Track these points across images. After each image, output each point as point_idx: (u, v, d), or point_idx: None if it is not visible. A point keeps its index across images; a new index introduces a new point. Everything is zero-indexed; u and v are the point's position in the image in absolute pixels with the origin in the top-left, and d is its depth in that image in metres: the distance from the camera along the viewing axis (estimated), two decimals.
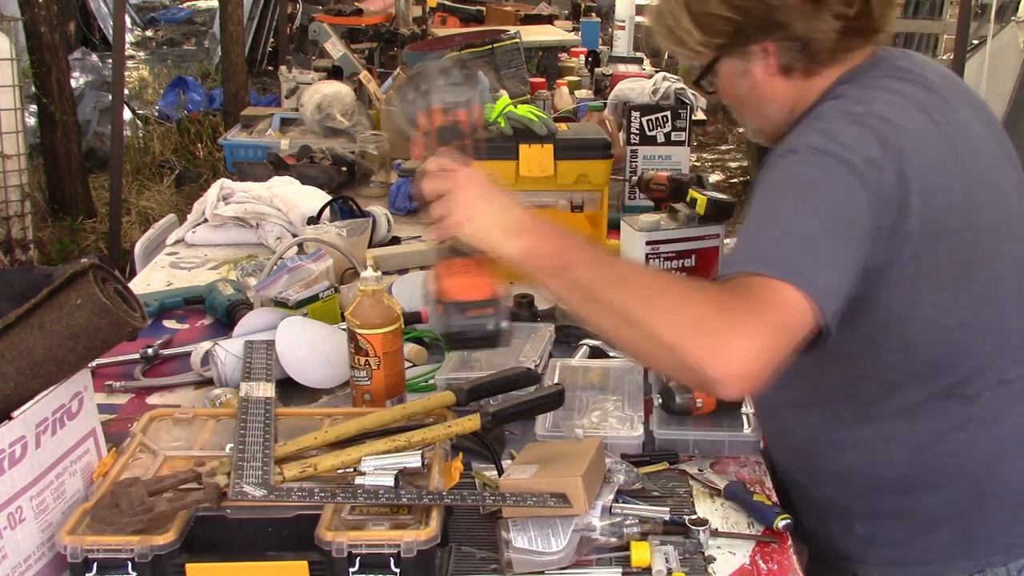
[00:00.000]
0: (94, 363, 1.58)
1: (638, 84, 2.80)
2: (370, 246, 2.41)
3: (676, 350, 1.13)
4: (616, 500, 1.41)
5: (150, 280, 2.36)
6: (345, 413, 1.53)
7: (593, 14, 5.39)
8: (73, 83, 6.28)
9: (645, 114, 2.65)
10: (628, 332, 1.20)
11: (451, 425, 1.41)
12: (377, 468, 1.31)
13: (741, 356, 1.11)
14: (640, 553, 1.32)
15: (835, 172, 1.22)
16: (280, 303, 1.93)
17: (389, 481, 1.28)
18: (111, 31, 5.47)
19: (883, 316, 1.31)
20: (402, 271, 2.33)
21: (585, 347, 1.92)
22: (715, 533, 1.40)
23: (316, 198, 2.57)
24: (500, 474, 1.44)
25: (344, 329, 1.68)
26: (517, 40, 3.80)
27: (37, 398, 1.23)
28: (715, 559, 1.35)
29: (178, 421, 1.50)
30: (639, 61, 4.37)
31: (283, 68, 4.01)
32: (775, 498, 1.47)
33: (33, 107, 5.95)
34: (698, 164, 7.38)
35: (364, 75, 3.69)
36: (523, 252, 1.23)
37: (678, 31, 1.38)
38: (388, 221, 2.52)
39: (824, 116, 1.31)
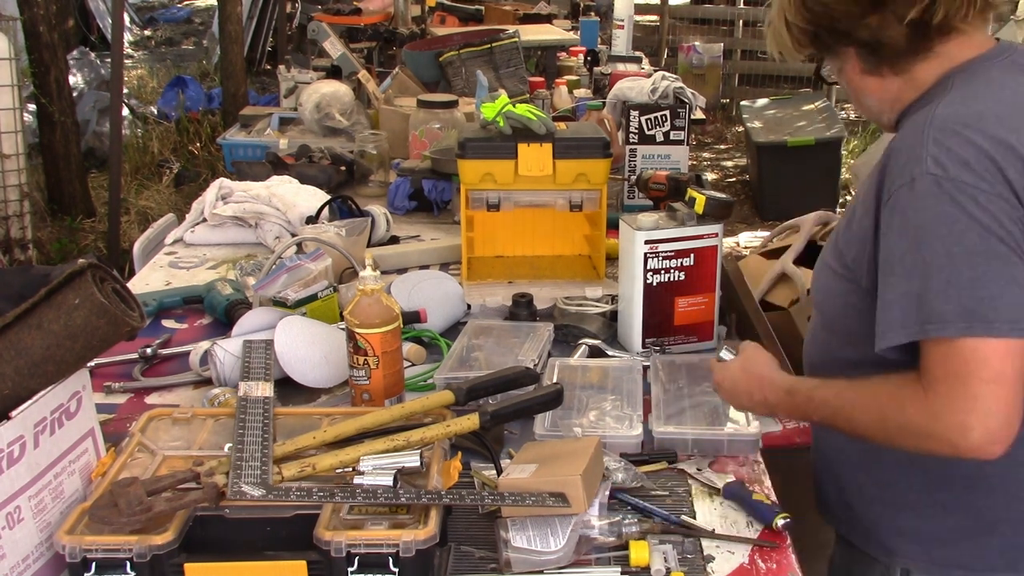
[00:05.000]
0: (92, 363, 1.58)
1: (637, 83, 2.80)
2: (369, 245, 2.41)
3: (925, 450, 1.27)
4: (614, 499, 1.41)
5: (149, 280, 2.36)
6: (344, 413, 1.53)
7: (592, 13, 5.39)
8: (72, 82, 6.27)
9: (644, 113, 2.65)
10: (879, 443, 1.35)
11: (450, 424, 1.40)
12: (376, 468, 1.31)
13: (978, 431, 1.20)
14: (639, 552, 1.32)
15: (969, 196, 1.21)
16: (279, 303, 1.93)
17: (388, 481, 1.28)
18: (110, 30, 5.46)
19: None
20: (401, 270, 2.33)
21: (584, 346, 1.92)
22: (713, 535, 1.39)
23: (315, 197, 2.57)
24: (499, 473, 1.44)
25: (343, 328, 1.68)
26: (516, 39, 3.80)
27: (35, 398, 1.23)
28: (714, 558, 1.35)
29: (177, 421, 1.50)
30: (638, 60, 4.37)
31: (282, 67, 4.00)
32: (774, 497, 1.47)
33: (32, 107, 5.95)
34: (696, 163, 7.39)
35: (363, 74, 3.69)
36: (771, 414, 1.62)
37: (779, 35, 1.47)
38: (387, 220, 2.52)
39: (931, 123, 1.28)
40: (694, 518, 1.43)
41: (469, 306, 2.11)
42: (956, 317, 1.20)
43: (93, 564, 1.17)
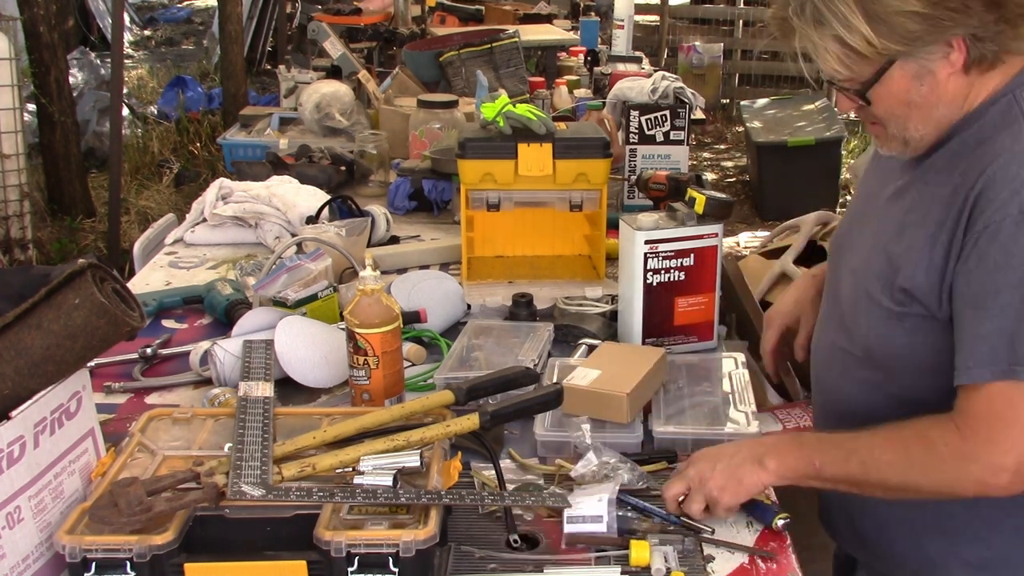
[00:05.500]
0: (92, 363, 1.58)
1: (637, 83, 2.80)
2: (369, 245, 2.41)
3: (952, 495, 1.28)
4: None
5: (149, 279, 2.36)
6: (344, 413, 1.53)
7: (592, 13, 5.39)
8: (72, 82, 6.27)
9: (644, 113, 2.65)
10: (902, 496, 1.32)
11: (450, 424, 1.40)
12: (376, 468, 1.31)
13: (1010, 474, 1.21)
14: (639, 552, 1.32)
15: None
16: (279, 303, 1.93)
17: (388, 481, 1.28)
18: (110, 30, 5.46)
19: None
20: (401, 270, 2.33)
21: (584, 346, 1.92)
22: (713, 538, 1.39)
23: (315, 197, 2.57)
24: (499, 475, 1.44)
25: (343, 328, 1.68)
26: (516, 39, 3.80)
27: (35, 398, 1.23)
28: (714, 558, 1.35)
29: (177, 421, 1.50)
30: (638, 60, 4.37)
31: (282, 67, 4.00)
32: (774, 497, 1.47)
33: (32, 107, 5.95)
34: (696, 163, 7.38)
35: (363, 74, 3.69)
36: (777, 476, 1.35)
37: (849, 38, 1.22)
38: (387, 220, 2.51)
39: None
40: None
41: (469, 306, 2.10)
42: None
43: (93, 564, 1.17)
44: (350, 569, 1.17)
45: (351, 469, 1.32)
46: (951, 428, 1.23)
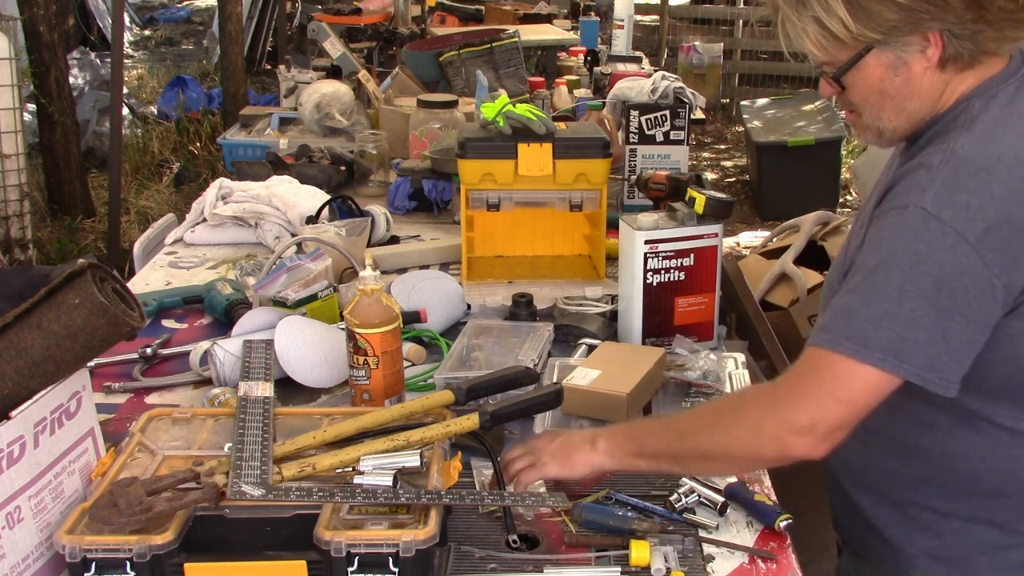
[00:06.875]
0: (92, 363, 1.58)
1: (637, 83, 2.80)
2: (369, 245, 2.41)
3: (757, 456, 1.29)
4: (614, 499, 1.42)
5: (149, 279, 2.36)
6: (344, 412, 1.53)
7: (592, 13, 5.39)
8: (72, 82, 6.27)
9: (644, 113, 2.65)
10: (714, 466, 1.36)
11: (450, 424, 1.40)
12: (376, 467, 1.31)
13: (803, 429, 1.22)
14: (639, 552, 1.32)
15: (948, 243, 1.19)
16: (279, 302, 1.93)
17: (388, 480, 1.28)
18: (110, 30, 5.45)
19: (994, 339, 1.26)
20: (401, 270, 2.33)
21: (584, 346, 1.92)
22: (712, 539, 1.39)
23: (315, 197, 2.57)
24: (498, 475, 1.44)
25: (343, 328, 1.68)
26: (516, 39, 3.80)
27: (35, 398, 1.23)
28: (714, 558, 1.35)
29: (177, 421, 1.50)
30: (638, 60, 4.37)
31: (282, 67, 4.00)
32: (775, 497, 1.47)
33: (32, 107, 5.95)
34: (696, 163, 7.38)
35: (363, 74, 3.69)
36: (606, 455, 1.37)
37: (828, 21, 1.25)
38: (387, 220, 2.52)
39: (950, 159, 1.23)
40: (694, 516, 1.43)
41: (469, 306, 2.11)
42: (878, 348, 1.20)
43: (93, 564, 1.17)
44: (350, 569, 1.17)
45: (351, 469, 1.32)
46: (768, 385, 1.26)
